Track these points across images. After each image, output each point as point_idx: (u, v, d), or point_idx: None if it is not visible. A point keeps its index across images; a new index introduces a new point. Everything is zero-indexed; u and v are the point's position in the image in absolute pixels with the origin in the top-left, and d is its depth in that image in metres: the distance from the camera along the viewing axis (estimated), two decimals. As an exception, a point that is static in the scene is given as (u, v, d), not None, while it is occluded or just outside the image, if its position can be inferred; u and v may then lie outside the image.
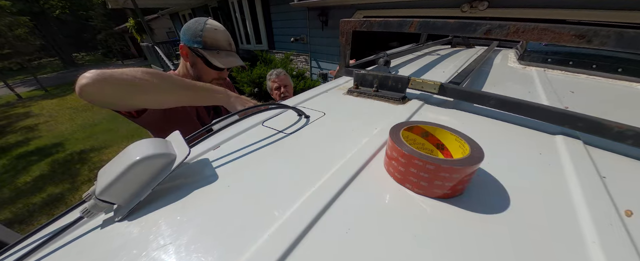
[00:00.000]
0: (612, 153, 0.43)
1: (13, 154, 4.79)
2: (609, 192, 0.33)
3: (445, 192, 0.31)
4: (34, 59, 21.35)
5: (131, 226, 0.30)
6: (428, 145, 0.40)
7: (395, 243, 0.26)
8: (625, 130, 0.42)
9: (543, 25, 0.42)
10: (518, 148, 0.43)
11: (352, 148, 0.43)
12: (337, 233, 0.27)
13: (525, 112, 0.51)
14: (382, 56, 1.17)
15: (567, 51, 1.10)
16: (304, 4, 3.97)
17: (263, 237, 0.26)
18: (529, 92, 0.78)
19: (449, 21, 0.50)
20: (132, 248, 0.27)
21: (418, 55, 1.42)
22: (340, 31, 0.77)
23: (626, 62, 0.94)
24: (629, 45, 0.37)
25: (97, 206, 0.30)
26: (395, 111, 0.59)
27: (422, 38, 1.82)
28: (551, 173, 0.37)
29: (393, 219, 0.29)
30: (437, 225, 0.28)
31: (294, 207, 0.30)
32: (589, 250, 0.25)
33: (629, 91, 0.84)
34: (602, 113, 0.45)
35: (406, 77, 0.64)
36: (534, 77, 0.95)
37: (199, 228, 0.29)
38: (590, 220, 0.28)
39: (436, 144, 0.40)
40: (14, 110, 8.13)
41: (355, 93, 0.70)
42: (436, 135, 0.39)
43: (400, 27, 0.61)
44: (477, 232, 0.27)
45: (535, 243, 0.26)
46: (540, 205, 0.31)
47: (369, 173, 0.37)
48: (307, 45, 4.77)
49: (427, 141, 0.40)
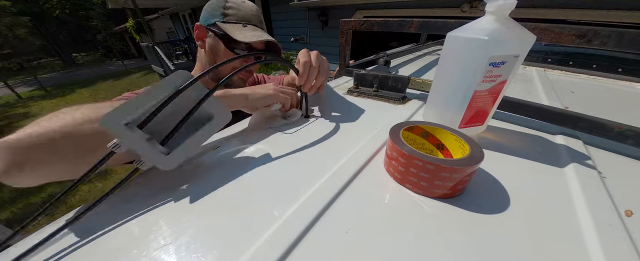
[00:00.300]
0: (612, 153, 0.43)
1: (13, 154, 4.78)
2: (609, 191, 0.33)
3: (446, 192, 0.31)
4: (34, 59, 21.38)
5: (131, 226, 0.30)
6: (428, 145, 0.40)
7: (395, 243, 0.26)
8: (625, 130, 0.42)
9: (543, 25, 0.42)
10: (518, 148, 0.43)
11: (352, 148, 0.43)
12: (337, 233, 0.27)
13: (525, 111, 0.51)
14: (382, 56, 1.17)
15: (567, 51, 1.10)
16: (304, 4, 3.97)
17: (263, 237, 0.26)
18: (529, 92, 0.78)
19: (449, 21, 0.50)
20: (132, 248, 0.27)
21: (418, 55, 1.42)
22: (340, 31, 0.77)
23: (626, 62, 0.94)
24: (629, 45, 0.37)
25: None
26: (395, 111, 0.59)
27: (422, 38, 1.82)
28: (551, 173, 0.37)
29: (393, 219, 0.29)
30: (438, 225, 0.28)
31: (294, 207, 0.30)
32: (589, 250, 0.25)
33: (629, 91, 0.84)
34: (602, 113, 0.45)
35: (406, 77, 0.64)
36: (534, 77, 0.95)
37: (198, 228, 0.29)
38: (590, 220, 0.28)
39: (436, 144, 0.40)
40: (13, 110, 8.13)
41: (355, 93, 0.70)
42: (436, 135, 0.39)
43: (400, 27, 0.61)
44: (477, 232, 0.27)
45: (535, 243, 0.26)
46: (540, 205, 0.31)
47: (369, 173, 0.37)
48: (307, 45, 4.78)
49: (427, 141, 0.40)
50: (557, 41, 0.42)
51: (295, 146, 0.45)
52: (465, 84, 0.40)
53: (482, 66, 0.37)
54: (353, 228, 0.28)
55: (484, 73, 0.37)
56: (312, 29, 4.47)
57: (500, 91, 0.41)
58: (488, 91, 0.40)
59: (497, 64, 0.37)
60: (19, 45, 13.92)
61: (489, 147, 0.43)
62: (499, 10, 0.35)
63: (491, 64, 0.36)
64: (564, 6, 1.92)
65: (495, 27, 0.36)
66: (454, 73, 0.42)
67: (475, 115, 0.43)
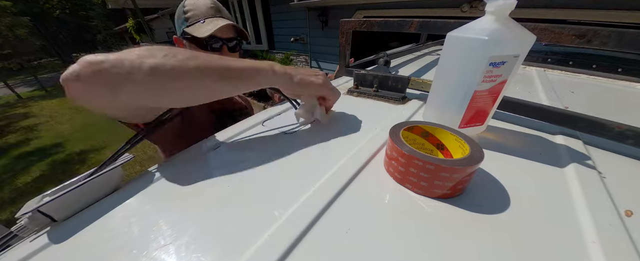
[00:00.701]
0: (612, 153, 0.43)
1: (13, 154, 4.79)
2: (609, 191, 0.33)
3: (445, 192, 0.31)
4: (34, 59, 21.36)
5: (131, 226, 0.30)
6: (428, 145, 0.40)
7: (395, 243, 0.26)
8: (625, 130, 0.42)
9: (543, 25, 0.42)
10: (518, 148, 0.43)
11: (352, 148, 0.43)
12: (337, 233, 0.27)
13: (525, 111, 0.51)
14: (382, 56, 1.17)
15: (567, 51, 1.10)
16: (304, 4, 3.97)
17: (263, 237, 0.26)
18: (529, 92, 0.78)
19: (449, 21, 0.50)
20: (132, 248, 0.27)
21: (418, 55, 1.42)
22: (340, 31, 0.77)
23: (626, 62, 0.94)
24: (629, 45, 0.37)
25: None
26: (395, 111, 0.59)
27: (422, 38, 1.82)
28: (551, 173, 0.37)
29: (393, 219, 0.29)
30: (438, 225, 0.28)
31: (294, 207, 0.30)
32: (589, 250, 0.25)
33: (629, 91, 0.84)
34: (602, 113, 0.45)
35: (406, 77, 0.64)
36: (534, 77, 0.95)
37: (199, 228, 0.29)
38: (590, 220, 0.28)
39: (436, 144, 0.40)
40: (13, 110, 8.13)
41: (356, 93, 0.70)
42: (436, 135, 0.39)
43: (400, 27, 0.61)
44: (477, 232, 0.27)
45: (535, 243, 0.26)
46: (540, 205, 0.31)
47: (369, 173, 0.37)
48: (307, 45, 4.77)
49: (427, 141, 0.40)
50: (557, 41, 0.42)
51: (296, 146, 0.45)
52: (465, 84, 0.40)
53: (482, 66, 0.37)
54: (353, 228, 0.28)
55: (484, 73, 0.37)
56: (312, 29, 4.47)
57: (500, 91, 0.41)
58: (488, 91, 0.40)
59: (497, 64, 0.37)
60: (19, 46, 13.92)
61: (489, 147, 0.43)
62: (499, 10, 0.35)
63: (491, 64, 0.36)
64: (564, 6, 1.92)
65: (495, 27, 0.36)
66: (454, 73, 0.42)
67: (475, 115, 0.43)
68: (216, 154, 0.44)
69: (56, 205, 0.30)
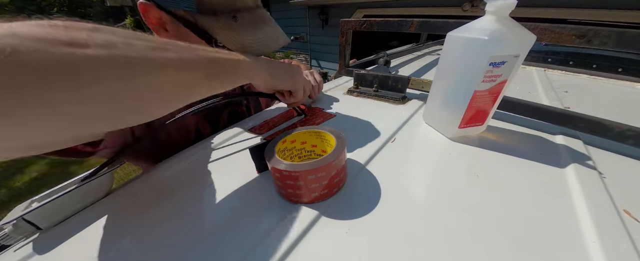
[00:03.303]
0: (612, 153, 0.43)
1: (12, 153, 4.77)
2: (609, 191, 0.33)
3: (323, 192, 0.30)
4: (32, 57, 21.20)
5: (132, 227, 0.30)
6: (308, 147, 0.38)
7: (396, 243, 0.26)
8: (625, 130, 0.42)
9: (543, 25, 0.42)
10: (518, 148, 0.43)
11: (352, 148, 0.42)
12: (337, 233, 0.27)
13: (525, 111, 0.51)
14: (382, 56, 1.17)
15: (567, 51, 1.10)
16: (304, 2, 3.96)
17: (263, 237, 0.26)
18: (529, 92, 0.78)
19: (449, 21, 0.50)
20: (133, 249, 0.27)
21: (418, 55, 1.41)
22: (340, 31, 0.76)
23: (626, 62, 0.94)
24: (629, 45, 0.37)
25: None
26: (395, 111, 0.59)
27: (422, 38, 1.81)
28: (551, 173, 0.37)
29: (389, 218, 0.29)
30: (432, 223, 0.28)
31: (294, 207, 0.30)
32: (589, 250, 0.25)
33: (629, 91, 0.84)
34: (602, 113, 0.45)
35: (406, 77, 0.64)
36: (534, 77, 0.95)
37: (198, 229, 0.28)
38: (590, 220, 0.28)
39: (312, 148, 0.38)
40: (12, 109, 8.11)
41: (355, 93, 0.69)
42: (306, 139, 0.37)
43: (400, 27, 0.61)
44: (478, 232, 0.27)
45: (535, 243, 0.26)
46: (540, 205, 0.31)
47: (371, 171, 0.37)
48: (307, 44, 4.76)
49: (304, 147, 0.38)
50: (557, 41, 0.42)
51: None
52: (465, 84, 0.40)
53: (482, 66, 0.37)
54: (353, 228, 0.28)
55: (484, 73, 0.37)
56: (312, 28, 4.45)
57: (500, 91, 0.41)
58: (488, 91, 0.40)
59: (497, 64, 0.37)
60: (17, 44, 13.83)
61: (489, 147, 0.43)
62: (499, 10, 0.35)
63: (491, 63, 0.36)
64: (564, 6, 1.92)
65: (495, 27, 0.35)
66: (454, 73, 0.42)
67: (475, 115, 0.43)
68: (215, 154, 0.43)
69: (41, 213, 0.29)
